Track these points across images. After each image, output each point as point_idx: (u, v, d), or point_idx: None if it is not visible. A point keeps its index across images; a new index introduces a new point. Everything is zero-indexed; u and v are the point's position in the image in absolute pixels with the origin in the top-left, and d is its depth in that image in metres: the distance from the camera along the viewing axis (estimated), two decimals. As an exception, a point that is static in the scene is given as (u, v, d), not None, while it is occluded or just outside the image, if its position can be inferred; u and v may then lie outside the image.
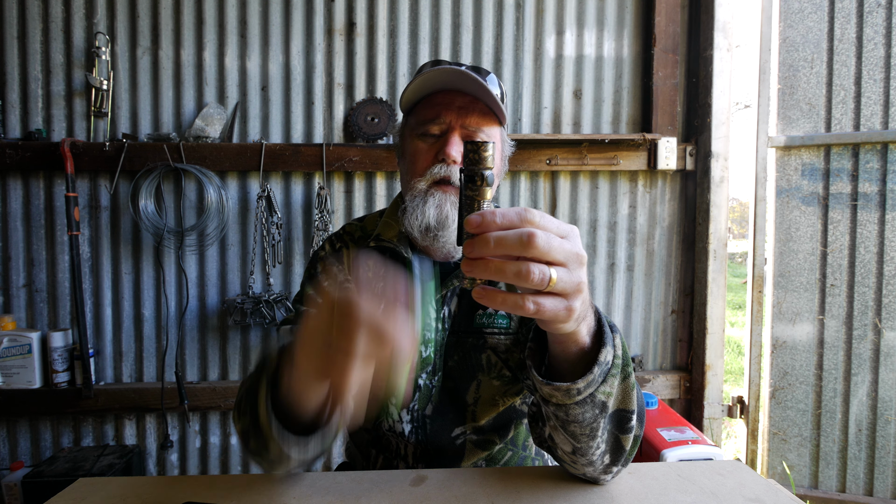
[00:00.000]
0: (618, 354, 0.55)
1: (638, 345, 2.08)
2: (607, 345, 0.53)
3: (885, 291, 1.85)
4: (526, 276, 0.41)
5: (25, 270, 1.90)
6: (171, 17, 1.91)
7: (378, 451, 0.90)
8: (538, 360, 0.59)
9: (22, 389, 1.83)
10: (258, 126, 1.95)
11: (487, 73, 0.85)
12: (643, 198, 2.04)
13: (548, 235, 0.42)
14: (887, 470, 1.86)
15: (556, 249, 0.43)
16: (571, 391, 0.53)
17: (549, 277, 0.42)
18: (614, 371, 0.55)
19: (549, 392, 0.55)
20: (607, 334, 0.54)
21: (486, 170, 0.46)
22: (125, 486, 0.71)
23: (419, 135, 0.83)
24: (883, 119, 1.84)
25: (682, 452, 1.48)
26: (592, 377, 0.52)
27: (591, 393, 0.54)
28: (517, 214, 0.42)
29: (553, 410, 0.58)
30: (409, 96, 0.85)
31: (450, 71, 0.78)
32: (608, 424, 0.60)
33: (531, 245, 0.41)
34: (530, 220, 0.43)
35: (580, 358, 0.54)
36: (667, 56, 1.97)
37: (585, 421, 0.57)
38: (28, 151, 1.82)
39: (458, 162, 0.81)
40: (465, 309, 0.87)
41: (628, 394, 0.59)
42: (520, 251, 0.41)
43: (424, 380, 0.86)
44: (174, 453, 1.97)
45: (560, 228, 0.45)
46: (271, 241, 1.91)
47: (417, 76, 0.82)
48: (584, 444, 0.60)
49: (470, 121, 0.82)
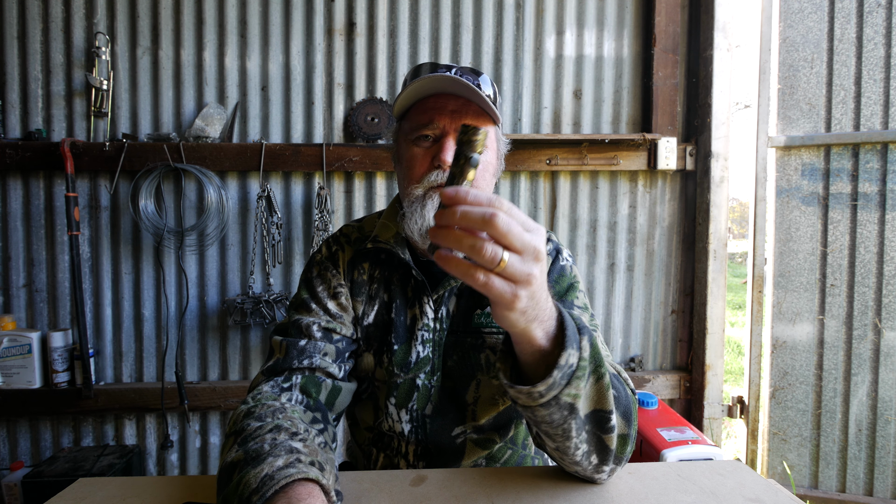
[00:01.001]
0: (584, 357, 0.55)
1: (638, 345, 2.08)
2: (568, 348, 0.53)
3: (885, 291, 1.85)
4: (479, 251, 0.45)
5: (25, 270, 1.90)
6: (171, 17, 1.91)
7: (379, 450, 0.90)
8: (511, 363, 0.60)
9: (22, 389, 1.83)
10: (258, 126, 1.95)
11: (479, 73, 0.85)
12: (643, 198, 2.04)
13: (509, 220, 0.45)
14: (887, 470, 1.86)
15: (514, 235, 0.45)
16: (533, 394, 0.54)
17: (501, 258, 0.45)
18: (580, 373, 0.55)
19: (514, 395, 0.56)
20: (569, 337, 0.54)
21: (472, 152, 0.49)
22: (125, 486, 0.71)
23: (414, 140, 0.83)
24: (883, 119, 1.84)
25: (682, 452, 1.48)
26: (552, 381, 0.53)
27: (555, 395, 0.55)
28: (487, 198, 0.46)
29: (523, 411, 0.59)
30: (402, 103, 0.84)
31: (440, 77, 0.78)
32: (586, 425, 0.60)
33: (491, 224, 0.44)
34: (498, 206, 0.46)
35: (540, 360, 0.55)
36: (667, 56, 1.97)
37: (555, 422, 0.58)
38: (28, 151, 1.82)
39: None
40: (463, 309, 0.87)
41: (603, 394, 0.59)
42: (481, 227, 0.45)
43: (423, 380, 0.86)
44: (174, 453, 1.97)
45: (527, 223, 0.48)
46: (271, 241, 1.91)
47: (410, 84, 0.81)
48: (560, 444, 0.61)
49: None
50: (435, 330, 0.86)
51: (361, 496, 0.67)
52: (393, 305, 0.87)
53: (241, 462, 0.59)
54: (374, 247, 0.89)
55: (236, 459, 0.59)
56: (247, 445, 0.61)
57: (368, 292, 0.89)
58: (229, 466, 0.59)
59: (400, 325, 0.87)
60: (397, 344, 0.86)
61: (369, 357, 0.88)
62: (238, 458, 0.59)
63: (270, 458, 0.58)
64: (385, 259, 0.90)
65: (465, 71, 0.83)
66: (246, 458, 0.59)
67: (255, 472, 0.56)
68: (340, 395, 0.81)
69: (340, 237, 0.95)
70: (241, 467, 0.58)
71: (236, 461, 0.59)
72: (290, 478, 0.55)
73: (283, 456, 0.58)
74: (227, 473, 0.59)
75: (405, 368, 0.85)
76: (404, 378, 0.86)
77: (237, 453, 0.60)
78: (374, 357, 0.87)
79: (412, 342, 0.86)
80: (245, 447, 0.61)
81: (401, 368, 0.85)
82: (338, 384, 0.80)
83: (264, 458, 0.58)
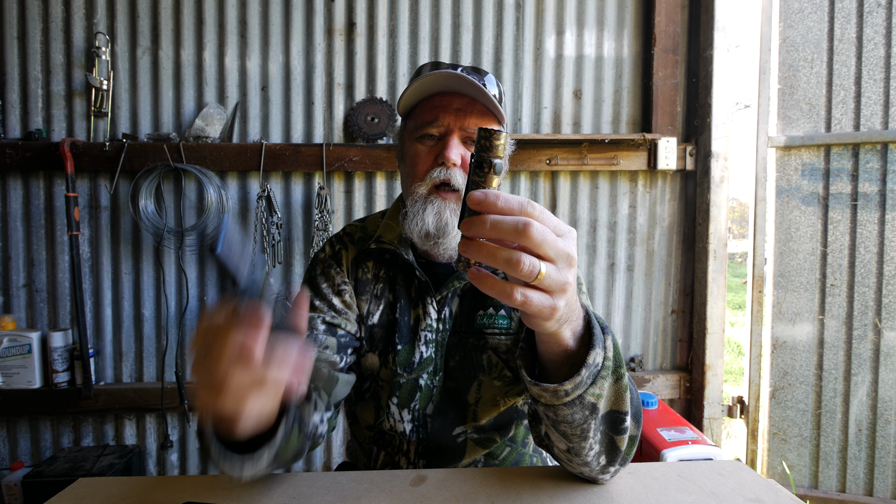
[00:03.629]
0: (608, 357, 0.55)
1: (638, 345, 2.08)
2: (596, 347, 0.53)
3: (885, 291, 1.85)
4: (516, 265, 0.42)
5: (25, 270, 1.90)
6: (171, 17, 1.91)
7: (380, 448, 0.90)
8: (530, 360, 0.60)
9: (22, 389, 1.83)
10: (258, 126, 1.95)
11: (485, 73, 0.85)
12: (643, 198, 2.04)
13: (543, 229, 0.43)
14: (887, 470, 1.86)
15: (550, 245, 0.43)
16: (559, 392, 0.53)
17: (539, 271, 0.43)
18: (604, 373, 0.55)
19: (537, 392, 0.55)
20: (597, 336, 0.54)
21: (495, 158, 0.45)
22: (125, 486, 0.71)
23: (418, 138, 0.83)
24: (883, 119, 1.84)
25: (682, 452, 1.48)
26: (580, 379, 0.53)
27: (580, 395, 0.54)
28: (518, 203, 0.43)
29: (543, 410, 0.58)
30: (407, 100, 0.85)
31: (446, 75, 0.78)
32: (601, 425, 0.60)
33: (526, 234, 0.42)
34: (530, 212, 0.43)
35: (564, 360, 0.54)
36: (667, 56, 1.97)
37: (575, 422, 0.57)
38: (28, 151, 1.82)
39: (458, 165, 0.80)
40: (466, 309, 0.87)
41: (621, 395, 0.59)
42: (514, 238, 0.42)
43: (426, 380, 0.86)
44: (174, 453, 1.97)
45: (558, 227, 0.46)
46: (271, 241, 1.91)
47: (414, 80, 0.81)
48: (576, 444, 0.60)
49: (468, 122, 0.81)
50: (438, 330, 0.86)
51: (361, 496, 0.67)
52: (397, 305, 0.88)
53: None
54: (378, 247, 0.90)
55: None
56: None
57: (373, 291, 0.89)
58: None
59: (404, 325, 0.87)
60: (401, 344, 0.86)
61: (374, 357, 0.88)
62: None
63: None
64: (389, 259, 0.90)
65: (470, 70, 0.83)
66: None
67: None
68: (338, 384, 0.80)
69: (344, 236, 0.95)
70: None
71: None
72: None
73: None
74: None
75: (408, 368, 0.85)
76: (407, 378, 0.86)
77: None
78: (379, 357, 0.87)
79: (415, 342, 0.86)
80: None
81: (404, 368, 0.85)
82: (334, 374, 0.80)
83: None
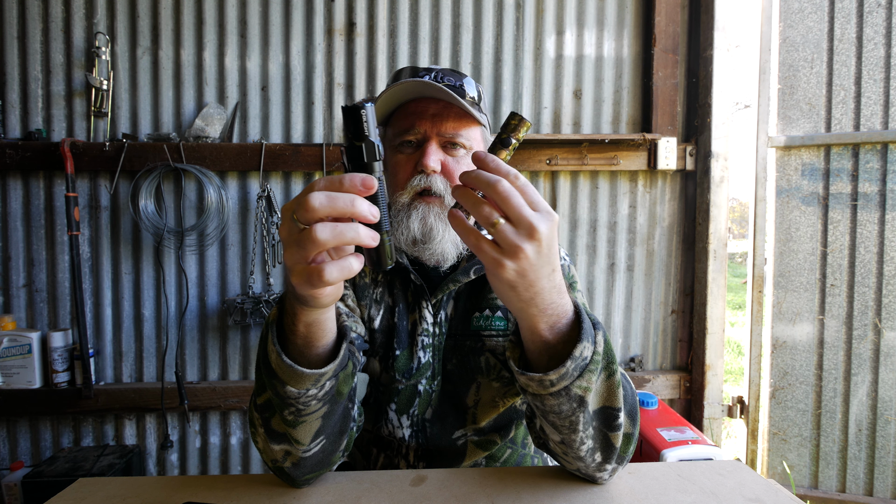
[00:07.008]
0: (598, 352, 0.56)
1: (638, 345, 2.08)
2: (584, 340, 0.54)
3: (885, 291, 1.85)
4: (479, 206, 0.49)
5: (25, 270, 1.90)
6: (171, 17, 1.91)
7: (379, 450, 0.90)
8: (518, 351, 0.61)
9: (22, 389, 1.83)
10: (258, 126, 1.95)
11: (463, 75, 0.84)
12: (643, 198, 2.04)
13: (512, 191, 0.47)
14: (887, 470, 1.86)
15: (513, 205, 0.47)
16: (544, 382, 0.54)
17: (496, 220, 0.48)
18: (593, 367, 0.55)
19: (524, 382, 0.57)
20: (586, 331, 0.55)
21: (514, 138, 0.53)
22: (125, 486, 0.71)
23: (397, 146, 0.83)
24: (883, 119, 1.84)
25: (682, 452, 1.48)
26: (565, 370, 0.54)
27: (566, 386, 0.55)
28: (506, 169, 0.49)
29: (531, 400, 0.59)
30: (381, 109, 0.83)
31: (414, 83, 0.78)
32: (594, 421, 0.60)
33: (494, 189, 0.47)
34: (511, 178, 0.49)
35: (543, 351, 0.56)
36: (667, 56, 1.97)
37: (563, 413, 0.58)
38: (28, 151, 1.82)
39: (438, 171, 0.80)
40: (461, 312, 0.87)
41: (614, 391, 0.60)
42: (485, 189, 0.48)
43: (424, 385, 0.86)
44: (174, 453, 1.97)
45: (536, 202, 0.49)
46: (271, 241, 1.91)
47: (389, 87, 0.80)
48: (566, 436, 0.61)
49: (445, 127, 0.81)
50: (434, 334, 0.86)
51: (361, 496, 0.67)
52: (396, 310, 0.87)
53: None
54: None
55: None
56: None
57: (373, 296, 0.89)
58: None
59: (402, 329, 0.87)
60: (399, 349, 0.85)
61: (375, 363, 0.87)
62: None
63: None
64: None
65: (446, 73, 0.83)
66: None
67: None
68: (359, 383, 0.79)
69: None
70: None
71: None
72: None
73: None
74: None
75: (407, 374, 0.85)
76: (406, 384, 0.85)
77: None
78: (379, 363, 0.87)
79: (413, 348, 0.86)
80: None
81: (402, 374, 0.85)
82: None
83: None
